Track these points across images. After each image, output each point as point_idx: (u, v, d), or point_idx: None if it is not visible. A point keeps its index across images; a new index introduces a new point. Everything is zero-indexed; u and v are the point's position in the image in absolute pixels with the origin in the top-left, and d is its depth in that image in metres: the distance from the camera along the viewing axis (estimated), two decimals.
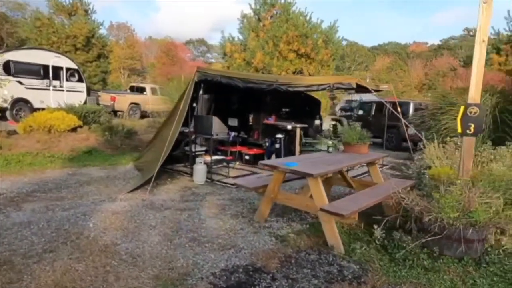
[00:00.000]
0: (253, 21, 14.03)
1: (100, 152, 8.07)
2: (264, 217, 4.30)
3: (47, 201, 4.71)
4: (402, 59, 60.07)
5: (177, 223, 4.15)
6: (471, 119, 4.76)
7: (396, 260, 3.36)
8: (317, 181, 3.65)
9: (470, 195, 3.55)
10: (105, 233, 3.77)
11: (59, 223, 3.95)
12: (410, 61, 57.08)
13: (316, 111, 9.51)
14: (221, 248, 3.53)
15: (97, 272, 2.95)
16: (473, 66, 4.78)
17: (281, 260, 3.33)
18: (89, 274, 2.92)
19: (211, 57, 69.70)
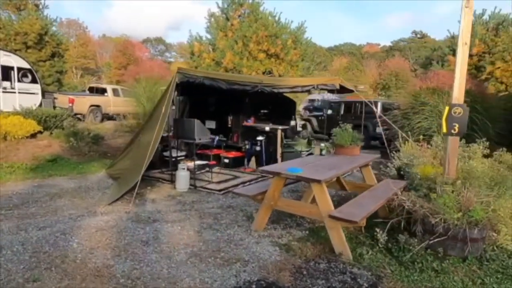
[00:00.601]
0: (221, 20, 13.74)
1: (66, 160, 7.43)
2: (263, 225, 4.12)
3: (16, 220, 4.18)
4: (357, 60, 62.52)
5: (171, 237, 3.85)
6: (455, 119, 4.90)
7: (405, 264, 3.34)
8: (322, 187, 3.54)
9: (468, 195, 3.63)
10: (94, 253, 3.39)
11: (37, 245, 3.50)
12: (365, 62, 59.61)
13: (291, 111, 9.48)
14: (226, 263, 3.31)
15: None
16: (456, 68, 4.93)
17: (292, 272, 3.18)
18: None
19: (170, 56, 67.99)
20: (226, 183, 6.41)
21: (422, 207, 3.54)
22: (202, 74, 5.69)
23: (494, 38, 12.58)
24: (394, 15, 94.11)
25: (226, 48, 12.83)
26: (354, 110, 12.93)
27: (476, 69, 12.61)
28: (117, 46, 47.57)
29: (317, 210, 3.65)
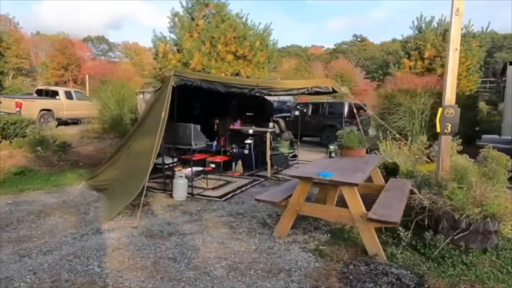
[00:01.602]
0: (185, 20, 13.29)
1: (35, 171, 6.67)
2: (286, 232, 4.05)
3: (11, 245, 3.64)
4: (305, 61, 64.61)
5: (198, 251, 3.63)
6: (448, 119, 5.24)
7: (436, 260, 3.50)
8: (354, 191, 3.57)
9: (483, 189, 3.91)
10: (123, 276, 3.07)
11: (53, 273, 3.08)
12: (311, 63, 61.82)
13: (271, 113, 9.50)
14: (269, 274, 3.19)
15: None
16: (448, 72, 5.27)
17: (339, 277, 3.16)
18: None
19: (114, 56, 64.59)
20: (222, 189, 6.22)
21: (445, 204, 3.73)
22: (199, 77, 5.44)
23: (442, 43, 13.72)
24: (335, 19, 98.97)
25: (193, 49, 12.44)
26: (322, 110, 13.32)
27: (428, 71, 13.64)
28: (54, 45, 44.00)
29: (346, 213, 3.67)
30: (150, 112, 5.48)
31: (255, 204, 5.35)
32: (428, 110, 8.25)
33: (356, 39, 77.46)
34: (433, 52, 13.79)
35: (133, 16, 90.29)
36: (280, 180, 7.06)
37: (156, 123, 5.09)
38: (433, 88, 8.19)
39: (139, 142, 5.48)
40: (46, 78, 40.00)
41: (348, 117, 12.65)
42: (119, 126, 9.79)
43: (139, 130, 5.59)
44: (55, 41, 45.13)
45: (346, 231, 4.21)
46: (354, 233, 4.15)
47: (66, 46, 41.95)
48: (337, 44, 78.38)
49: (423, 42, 14.11)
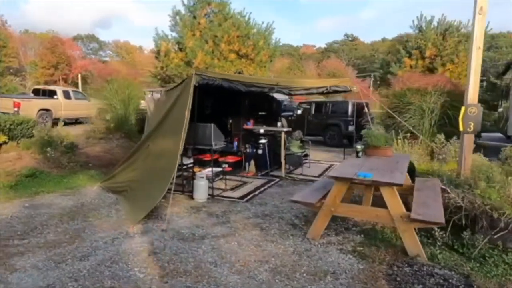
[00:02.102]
0: (187, 19, 13.14)
1: (46, 174, 6.48)
2: (320, 233, 4.00)
3: (43, 251, 3.51)
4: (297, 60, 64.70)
5: (236, 255, 3.55)
6: (470, 118, 5.25)
7: (477, 260, 3.48)
8: (394, 191, 3.54)
9: None
10: (169, 282, 2.97)
11: (94, 280, 2.97)
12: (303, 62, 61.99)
13: (278, 113, 9.44)
14: (315, 277, 3.14)
15: None
16: (471, 71, 5.28)
17: (386, 280, 3.13)
18: None
19: (105, 55, 63.73)
20: (240, 189, 6.14)
21: (483, 203, 3.72)
22: (219, 76, 5.35)
23: (443, 42, 13.88)
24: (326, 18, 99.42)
25: (196, 48, 12.30)
26: (325, 110, 13.31)
27: (429, 70, 13.77)
28: (43, 43, 43.19)
29: (385, 213, 3.64)
30: (170, 111, 5.35)
31: (278, 205, 5.30)
32: (438, 109, 8.29)
33: (347, 39, 77.95)
34: (434, 51, 13.93)
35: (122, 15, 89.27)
36: (295, 180, 7.01)
37: (178, 123, 4.99)
38: (443, 87, 8.22)
39: (159, 142, 5.36)
40: (35, 77, 39.29)
41: (351, 116, 12.66)
42: (125, 126, 9.61)
43: (158, 130, 5.47)
44: (44, 40, 44.30)
45: (378, 231, 4.19)
46: (386, 233, 4.13)
47: (56, 44, 41.15)
48: (328, 43, 78.62)
49: (424, 41, 14.23)
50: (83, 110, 15.35)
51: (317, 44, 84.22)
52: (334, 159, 10.00)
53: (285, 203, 5.39)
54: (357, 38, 77.35)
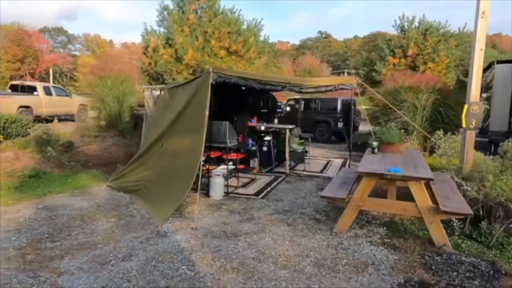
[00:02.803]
0: (175, 14, 12.91)
1: (48, 174, 6.27)
2: (347, 227, 4.16)
3: (81, 253, 3.44)
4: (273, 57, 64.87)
5: (275, 250, 3.64)
6: (472, 115, 5.58)
7: (497, 247, 3.76)
8: (421, 185, 3.76)
9: None
10: (221, 279, 3.02)
11: (147, 280, 2.96)
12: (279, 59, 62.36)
13: (276, 109, 9.56)
14: (357, 269, 3.28)
15: None
16: (474, 71, 5.60)
17: (423, 268, 3.32)
18: None
19: (74, 49, 61.22)
20: (251, 186, 6.22)
21: (499, 195, 4.02)
22: (235, 74, 5.37)
23: (424, 42, 14.49)
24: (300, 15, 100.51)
25: (186, 44, 12.14)
26: (314, 106, 13.56)
27: (411, 68, 14.34)
28: (8, 36, 40.87)
29: (412, 207, 3.85)
30: (185, 110, 5.31)
31: (294, 201, 5.43)
32: (429, 106, 8.71)
33: (321, 36, 79.16)
34: (416, 50, 14.49)
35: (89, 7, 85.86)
36: (300, 176, 7.17)
37: (195, 122, 4.99)
38: (434, 85, 8.63)
39: (175, 141, 5.33)
40: None
41: (340, 113, 13.00)
42: (118, 123, 9.39)
43: (172, 129, 5.41)
44: (9, 32, 41.92)
45: (398, 224, 4.41)
46: (406, 225, 4.36)
47: (22, 37, 39.15)
48: (302, 40, 79.45)
49: (406, 40, 14.76)
50: (64, 107, 14.82)
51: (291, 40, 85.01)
52: (328, 154, 10.28)
53: (300, 199, 5.53)
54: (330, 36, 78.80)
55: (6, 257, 3.27)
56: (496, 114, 9.85)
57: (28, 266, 3.10)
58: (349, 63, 63.76)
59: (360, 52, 66.91)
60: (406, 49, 14.50)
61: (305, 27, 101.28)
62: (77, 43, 62.89)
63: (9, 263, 3.15)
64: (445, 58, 14.07)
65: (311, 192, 5.96)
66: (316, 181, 6.75)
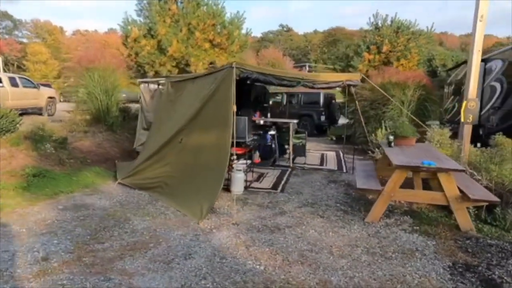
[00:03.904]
0: (157, 4, 12.46)
1: (51, 172, 5.90)
2: (379, 217, 4.42)
3: (138, 253, 3.36)
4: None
5: (325, 241, 3.79)
6: (470, 111, 6.09)
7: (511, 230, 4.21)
8: (450, 176, 4.09)
9: None
10: (291, 271, 3.12)
11: (222, 276, 2.99)
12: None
13: (268, 103, 9.68)
14: (407, 255, 3.53)
15: None
16: (472, 71, 6.10)
17: (462, 251, 3.65)
18: None
19: (22, 35, 56.61)
20: (265, 180, 6.32)
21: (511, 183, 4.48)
22: (255, 70, 5.40)
23: (396, 39, 15.27)
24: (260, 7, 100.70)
25: (170, 36, 11.80)
26: (297, 100, 13.84)
27: (385, 64, 15.07)
28: None
29: (441, 196, 4.19)
30: (206, 105, 5.25)
31: (313, 194, 5.62)
32: (414, 101, 9.28)
33: (282, 29, 79.98)
34: (389, 47, 15.21)
35: None
36: (304, 169, 7.38)
37: (220, 117, 4.98)
38: (419, 82, 9.20)
39: (198, 136, 5.27)
40: None
41: (323, 107, 13.41)
42: (107, 118, 8.98)
43: (193, 124, 5.33)
44: None
45: (419, 213, 4.75)
46: (426, 213, 4.71)
47: None
48: (264, 33, 79.67)
49: (380, 37, 15.45)
50: (32, 100, 13.80)
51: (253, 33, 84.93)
52: (318, 147, 10.61)
53: (317, 192, 5.73)
54: (292, 29, 79.91)
55: (63, 261, 3.11)
56: None
57: (93, 269, 2.99)
58: (310, 57, 65.22)
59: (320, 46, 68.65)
60: (380, 46, 15.18)
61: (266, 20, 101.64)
62: (24, 29, 58.16)
63: (70, 267, 3.01)
64: (416, 55, 14.93)
65: (324, 184, 6.18)
66: (322, 174, 6.99)
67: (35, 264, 3.05)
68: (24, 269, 2.96)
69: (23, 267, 2.99)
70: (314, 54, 66.33)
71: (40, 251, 3.30)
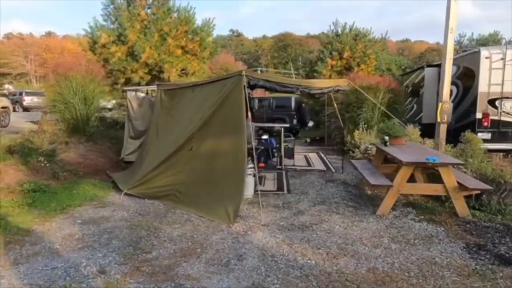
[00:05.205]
0: (125, 9, 12.12)
1: (49, 187, 5.63)
2: (388, 210, 4.89)
3: (192, 259, 3.43)
4: None
5: (351, 235, 4.15)
6: (445, 111, 6.90)
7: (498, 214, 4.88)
8: (449, 170, 4.68)
9: (500, 163, 5.56)
10: (339, 263, 3.42)
11: (282, 272, 3.19)
12: None
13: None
14: (426, 240, 4.00)
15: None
16: (445, 75, 6.93)
17: (469, 234, 4.20)
18: None
19: None
20: (266, 182, 6.56)
21: (493, 174, 5.20)
22: (262, 78, 5.66)
23: (356, 46, 16.37)
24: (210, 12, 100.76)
25: (144, 42, 11.55)
26: (269, 104, 14.26)
27: (346, 70, 16.10)
28: None
29: (441, 187, 4.76)
30: (216, 112, 5.38)
31: (319, 193, 5.99)
32: (384, 104, 10.11)
33: (233, 34, 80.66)
34: (350, 53, 16.27)
35: None
36: (296, 170, 7.74)
37: (233, 124, 5.16)
38: (388, 86, 10.06)
39: (210, 143, 5.37)
40: None
41: (294, 111, 13.97)
42: (86, 127, 8.63)
43: (204, 132, 5.42)
44: None
45: (417, 204, 5.31)
46: (423, 203, 5.29)
47: None
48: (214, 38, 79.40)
49: (341, 44, 16.46)
50: None
51: None
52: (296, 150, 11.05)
53: (321, 191, 6.10)
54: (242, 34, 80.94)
55: (123, 272, 3.10)
56: (427, 109, 11.88)
57: (158, 277, 3.03)
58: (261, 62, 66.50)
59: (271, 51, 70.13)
60: (342, 52, 16.16)
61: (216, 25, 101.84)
62: None
63: (134, 277, 3.02)
64: (374, 60, 16.12)
65: (323, 184, 6.58)
66: (315, 174, 7.40)
67: (95, 278, 3.01)
68: (87, 283, 2.92)
69: (85, 281, 2.95)
70: (265, 59, 67.79)
71: (91, 265, 3.25)
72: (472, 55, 8.51)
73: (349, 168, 7.74)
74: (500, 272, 3.28)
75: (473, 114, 8.16)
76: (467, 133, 7.29)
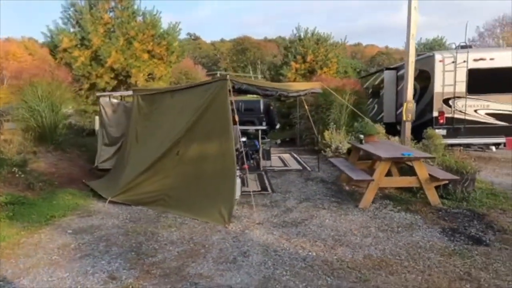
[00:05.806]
0: (87, 12, 11.68)
1: (27, 198, 5.37)
2: (369, 203, 5.27)
3: (197, 259, 3.51)
4: None
5: (342, 227, 4.44)
6: (409, 110, 7.51)
7: (463, 201, 5.44)
8: (421, 162, 5.16)
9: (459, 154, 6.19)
10: (337, 253, 3.68)
11: (288, 265, 3.38)
12: None
13: None
14: (408, 228, 4.39)
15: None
16: (408, 78, 7.53)
17: (443, 220, 4.66)
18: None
19: None
20: (250, 183, 6.72)
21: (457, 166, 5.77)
22: (245, 82, 5.83)
23: (318, 50, 17.06)
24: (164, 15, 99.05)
25: (109, 46, 11.22)
26: (238, 107, 14.40)
27: (310, 73, 16.71)
28: None
29: (415, 179, 5.23)
30: (202, 116, 5.46)
31: (301, 191, 6.27)
32: (351, 105, 10.69)
33: (190, 37, 79.87)
34: (312, 57, 16.92)
35: None
36: (275, 170, 7.99)
37: (219, 128, 5.29)
38: (353, 88, 10.65)
39: (197, 147, 5.45)
40: None
41: (263, 113, 14.26)
42: (54, 136, 8.27)
43: (190, 136, 5.47)
44: None
45: (392, 196, 5.76)
46: (397, 195, 5.75)
47: None
48: None
49: (303, 48, 17.07)
50: None
51: None
52: None
53: (303, 189, 6.38)
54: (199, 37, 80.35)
55: (134, 276, 3.12)
56: (387, 109, 12.71)
57: (171, 279, 3.08)
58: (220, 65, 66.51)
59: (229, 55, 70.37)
60: (305, 56, 16.76)
61: None
62: None
63: (147, 280, 3.05)
64: (335, 64, 16.88)
65: (303, 182, 6.88)
66: (294, 174, 7.69)
67: (108, 284, 3.01)
68: None
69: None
70: (224, 63, 67.86)
71: (98, 272, 3.22)
72: (427, 59, 9.28)
73: (324, 166, 8.14)
74: (475, 251, 3.72)
75: (429, 112, 8.90)
76: (429, 130, 7.99)
